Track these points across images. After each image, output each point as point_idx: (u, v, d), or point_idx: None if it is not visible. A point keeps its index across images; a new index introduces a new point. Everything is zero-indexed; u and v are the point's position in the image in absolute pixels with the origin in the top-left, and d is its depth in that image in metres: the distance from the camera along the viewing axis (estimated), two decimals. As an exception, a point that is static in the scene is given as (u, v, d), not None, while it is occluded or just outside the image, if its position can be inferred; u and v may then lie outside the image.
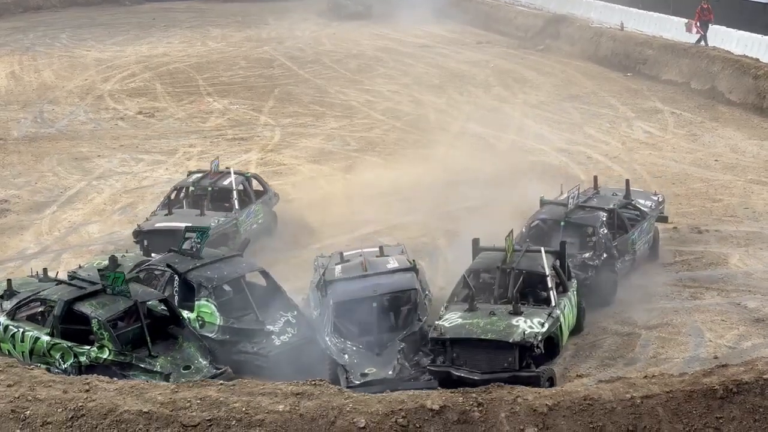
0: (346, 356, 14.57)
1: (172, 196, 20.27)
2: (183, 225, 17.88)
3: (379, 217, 21.79)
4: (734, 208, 22.20)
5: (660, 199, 20.34)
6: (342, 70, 39.00)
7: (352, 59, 41.33)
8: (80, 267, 17.24)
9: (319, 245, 19.93)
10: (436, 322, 14.80)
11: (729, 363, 13.16)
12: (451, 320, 14.75)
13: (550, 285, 15.32)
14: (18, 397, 12.01)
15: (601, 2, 44.19)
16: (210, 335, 15.21)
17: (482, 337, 14.34)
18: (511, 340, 14.16)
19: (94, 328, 14.24)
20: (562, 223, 17.85)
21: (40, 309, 15.29)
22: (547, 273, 15.42)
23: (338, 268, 16.17)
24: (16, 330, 14.95)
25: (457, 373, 14.21)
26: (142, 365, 14.09)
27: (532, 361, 14.21)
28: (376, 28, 48.72)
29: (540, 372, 14.12)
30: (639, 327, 16.56)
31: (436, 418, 11.50)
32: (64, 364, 14.35)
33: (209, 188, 20.34)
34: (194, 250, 16.20)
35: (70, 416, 11.59)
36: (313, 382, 12.39)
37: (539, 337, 14.25)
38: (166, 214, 19.52)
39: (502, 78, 36.54)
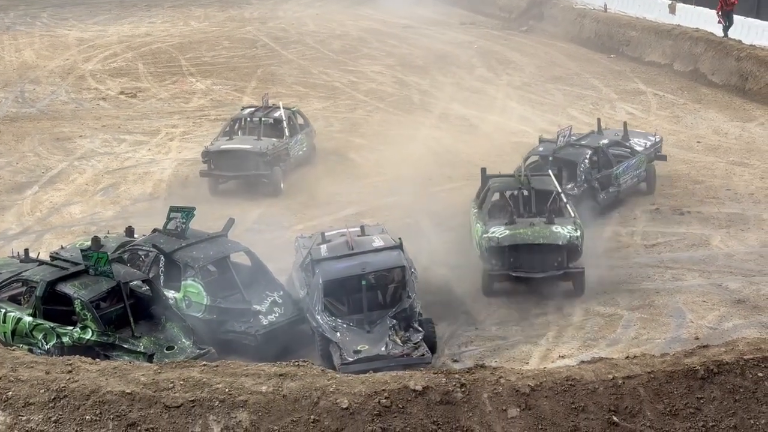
0: (338, 334, 14.66)
1: (230, 127, 23.78)
2: (245, 147, 22.52)
3: (362, 198, 21.81)
4: (716, 189, 22.30)
5: (657, 140, 22.93)
6: (325, 51, 38.87)
7: (335, 40, 41.20)
8: (62, 248, 17.17)
9: (301, 226, 19.93)
10: (486, 235, 17.28)
11: (710, 344, 13.24)
12: (500, 232, 17.33)
13: (565, 200, 18.17)
14: (0, 378, 11.97)
15: (585, -17, 44.17)
16: (197, 315, 15.23)
17: (536, 242, 17.11)
18: (560, 243, 17.08)
19: (77, 309, 14.20)
20: (551, 158, 20.26)
21: (22, 289, 15.23)
22: (560, 191, 18.29)
23: (324, 247, 16.17)
24: None
25: (516, 274, 17.12)
26: (125, 345, 14.07)
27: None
28: (359, 9, 48.56)
29: (582, 268, 17.13)
30: (621, 308, 16.65)
31: (419, 398, 11.53)
32: (46, 344, 14.30)
33: (263, 119, 23.67)
34: (179, 230, 16.16)
35: (52, 397, 11.57)
36: (297, 363, 12.40)
37: (580, 240, 17.17)
38: (228, 140, 23.11)
39: (486, 59, 36.51)
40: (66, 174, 24.13)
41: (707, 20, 35.00)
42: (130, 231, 17.51)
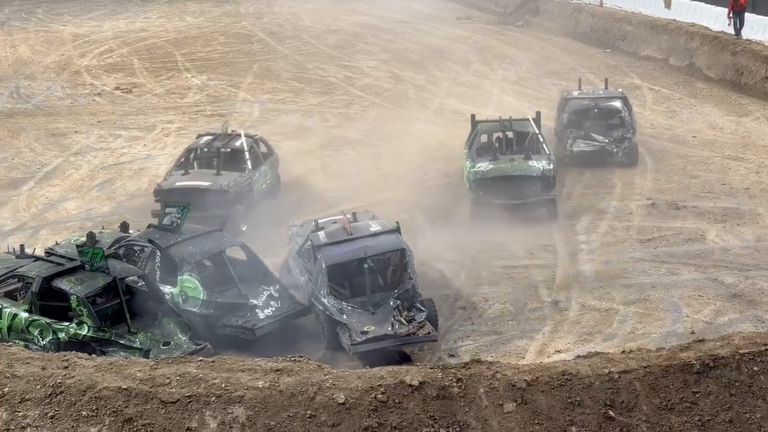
0: (345, 316, 14.95)
1: (185, 158, 20.97)
2: (203, 184, 19.70)
3: (359, 194, 21.78)
4: (712, 184, 22.33)
5: (623, 93, 25.78)
6: (321, 46, 38.83)
7: (331, 35, 41.15)
8: (57, 244, 17.13)
9: (297, 221, 19.88)
10: (473, 170, 20.51)
11: (706, 338, 13.27)
12: (485, 167, 20.53)
13: (542, 140, 21.50)
14: (-4, 374, 11.97)
15: (581, -22, 44.13)
16: (194, 310, 15.22)
17: (515, 173, 20.35)
18: (536, 174, 20.30)
19: (73, 305, 14.18)
20: (596, 109, 24.03)
21: (17, 285, 15.20)
22: (538, 132, 21.60)
23: (322, 233, 16.35)
24: None
25: (498, 201, 19.98)
26: (121, 341, 14.06)
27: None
28: (354, 4, 48.50)
29: (554, 196, 20.38)
30: (617, 302, 16.67)
31: (416, 393, 11.54)
32: (42, 340, 14.28)
33: (221, 149, 20.91)
34: (174, 225, 16.15)
35: (48, 393, 11.56)
36: (293, 358, 12.41)
37: (552, 173, 20.37)
38: (183, 174, 20.24)
39: (482, 54, 36.49)
40: (61, 170, 24.09)
41: (703, 15, 35.01)
42: (124, 226, 17.48)
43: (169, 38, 40.51)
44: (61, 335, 14.18)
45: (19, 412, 11.46)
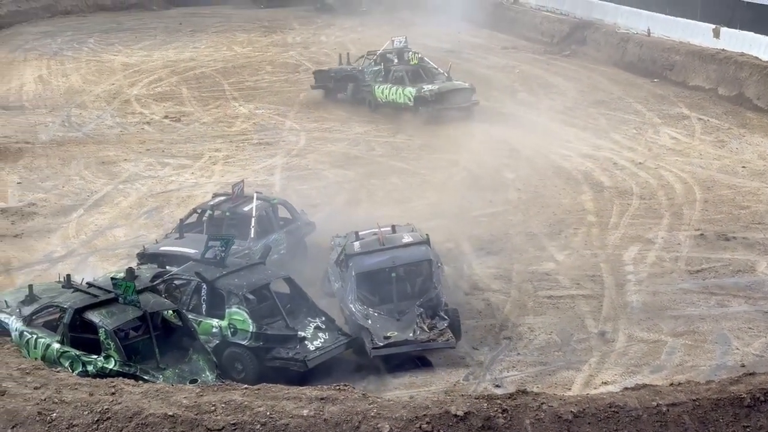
0: (370, 321, 15.70)
1: (191, 219, 19.67)
2: (188, 251, 17.68)
3: (403, 222, 21.75)
4: (762, 215, 22.04)
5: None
6: (367, 75, 38.93)
7: (377, 64, 41.24)
8: (94, 281, 16.75)
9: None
10: (425, 90, 30.49)
11: (756, 371, 13.06)
12: (434, 86, 30.64)
13: (441, 71, 32.10)
14: (44, 400, 12.08)
15: (628, 8, 43.84)
16: (242, 342, 15.21)
17: (459, 88, 31.03)
18: (468, 86, 31.20)
19: (101, 338, 14.12)
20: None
21: (56, 316, 15.22)
22: (436, 66, 32.61)
23: (357, 244, 17.21)
24: (30, 336, 14.94)
25: (449, 107, 30.27)
26: (145, 377, 13.85)
27: None
28: (400, 34, 48.61)
29: (477, 101, 31.00)
30: (665, 334, 16.48)
31: (461, 424, 11.47)
32: (73, 372, 14.16)
33: (227, 213, 19.28)
34: (218, 258, 16.17)
35: (96, 419, 11.64)
36: (338, 387, 12.40)
37: (473, 86, 31.31)
38: (177, 238, 18.82)
39: (528, 83, 36.43)
40: (110, 197, 24.38)
41: (752, 45, 34.69)
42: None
43: (217, 67, 40.95)
44: (90, 368, 14.14)
45: (66, 437, 11.55)
